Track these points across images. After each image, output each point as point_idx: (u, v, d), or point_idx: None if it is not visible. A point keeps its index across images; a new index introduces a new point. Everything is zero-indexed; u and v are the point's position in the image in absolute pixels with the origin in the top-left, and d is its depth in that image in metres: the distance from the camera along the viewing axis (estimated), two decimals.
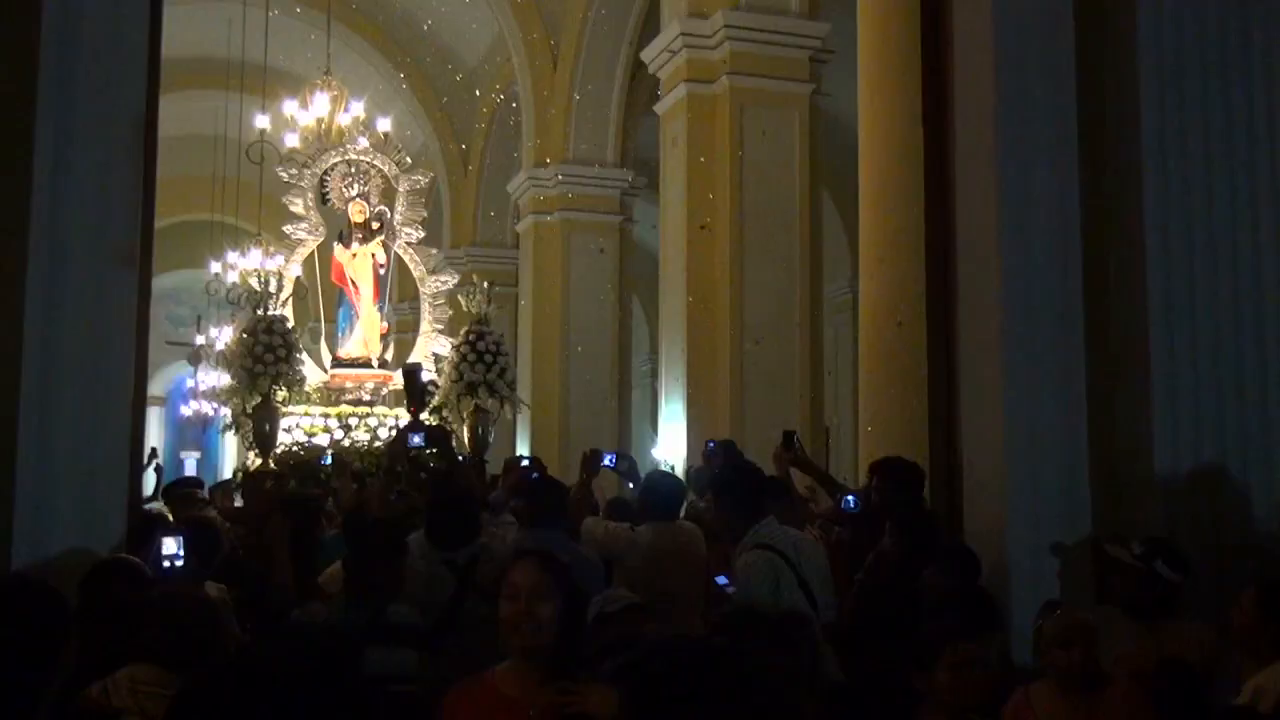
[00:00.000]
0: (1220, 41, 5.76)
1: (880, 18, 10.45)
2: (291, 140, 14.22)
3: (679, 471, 11.04)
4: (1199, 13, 5.76)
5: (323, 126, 13.95)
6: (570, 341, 17.21)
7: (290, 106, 14.26)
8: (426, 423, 9.50)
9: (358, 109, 14.17)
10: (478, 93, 21.70)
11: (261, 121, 14.96)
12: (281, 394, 11.71)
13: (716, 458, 7.27)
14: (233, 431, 13.29)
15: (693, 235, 13.16)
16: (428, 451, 7.85)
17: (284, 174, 13.60)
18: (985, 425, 5.67)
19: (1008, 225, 5.62)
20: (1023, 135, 5.65)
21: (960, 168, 5.97)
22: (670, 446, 12.97)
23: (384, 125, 14.11)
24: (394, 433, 11.25)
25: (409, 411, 9.63)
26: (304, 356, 12.44)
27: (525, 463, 7.53)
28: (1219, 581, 5.12)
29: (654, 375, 17.55)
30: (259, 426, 11.53)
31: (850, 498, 6.26)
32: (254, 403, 11.63)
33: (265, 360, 11.56)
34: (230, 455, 29.26)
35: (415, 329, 14.18)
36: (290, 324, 12.31)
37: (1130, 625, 4.68)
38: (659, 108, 14.23)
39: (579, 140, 17.73)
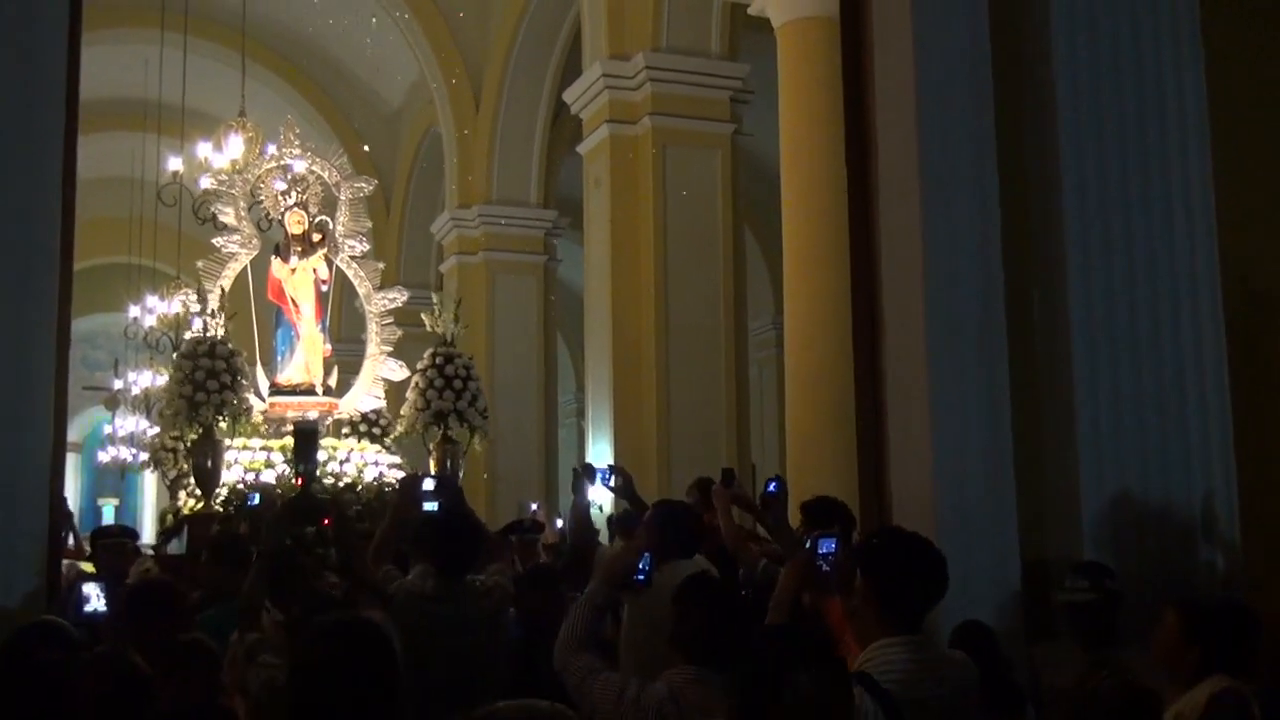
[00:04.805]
0: (1136, 79, 5.90)
1: (800, 59, 10.63)
2: (205, 183, 13.47)
3: (607, 511, 10.97)
4: (1114, 55, 5.89)
5: (235, 168, 13.47)
6: (496, 382, 17.13)
7: (205, 148, 13.73)
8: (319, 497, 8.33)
9: (273, 150, 13.69)
10: (398, 134, 21.66)
11: (174, 163, 14.49)
12: (223, 425, 10.57)
13: (780, 500, 5.72)
14: (152, 469, 12.32)
15: (617, 274, 13.20)
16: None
17: (212, 180, 12.49)
18: (913, 459, 5.71)
19: (931, 258, 5.68)
20: (944, 170, 5.73)
21: (884, 202, 6.03)
22: (598, 486, 12.91)
23: (299, 166, 13.76)
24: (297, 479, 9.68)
25: (296, 479, 8.42)
26: (264, 381, 11.36)
27: (429, 482, 6.32)
28: (1143, 607, 5.19)
29: (580, 414, 17.53)
30: (199, 463, 10.40)
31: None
32: (193, 436, 10.49)
33: (208, 388, 10.41)
34: (150, 501, 28.78)
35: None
36: (230, 345, 11.03)
37: (1084, 657, 4.72)
38: (582, 148, 14.31)
39: (502, 181, 17.75)
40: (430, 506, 5.98)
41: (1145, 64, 5.92)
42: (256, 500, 8.19)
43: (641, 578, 4.29)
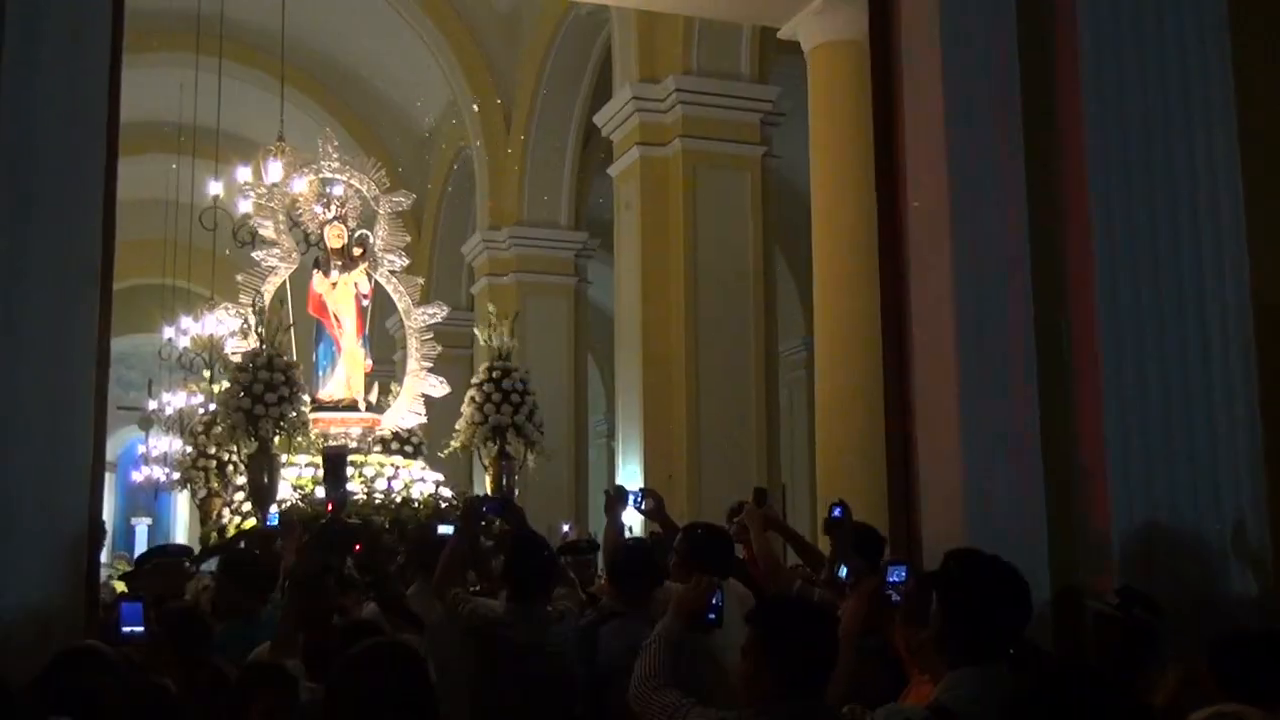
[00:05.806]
0: (1164, 118, 5.88)
1: (830, 82, 10.65)
2: (245, 207, 13.40)
3: (636, 534, 10.94)
4: (1142, 82, 5.88)
5: (275, 184, 13.46)
6: None
7: (244, 173, 13.69)
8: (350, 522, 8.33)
9: (311, 169, 13.68)
10: (430, 156, 21.77)
11: (215, 188, 14.53)
12: (278, 439, 10.42)
13: (844, 527, 5.85)
14: (182, 488, 12.12)
15: (647, 296, 13.23)
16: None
17: (251, 193, 12.48)
18: (942, 484, 5.71)
19: (961, 282, 5.69)
20: (974, 196, 5.74)
21: (913, 227, 6.04)
22: (630, 509, 12.91)
23: (339, 189, 13.77)
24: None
25: (327, 506, 8.38)
26: (307, 398, 11.14)
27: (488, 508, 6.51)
28: (1174, 637, 5.16)
29: (610, 435, 17.51)
30: (255, 478, 10.31)
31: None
32: (248, 451, 10.39)
33: (266, 401, 10.30)
34: (183, 520, 28.93)
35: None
36: (286, 358, 10.91)
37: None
38: (612, 170, 14.36)
39: (533, 202, 17.83)
40: (446, 530, 6.01)
41: (1173, 93, 5.91)
42: (274, 521, 8.18)
43: (713, 616, 4.14)
